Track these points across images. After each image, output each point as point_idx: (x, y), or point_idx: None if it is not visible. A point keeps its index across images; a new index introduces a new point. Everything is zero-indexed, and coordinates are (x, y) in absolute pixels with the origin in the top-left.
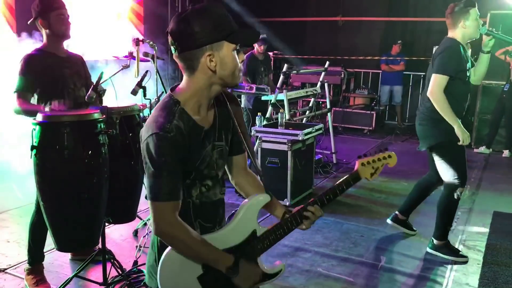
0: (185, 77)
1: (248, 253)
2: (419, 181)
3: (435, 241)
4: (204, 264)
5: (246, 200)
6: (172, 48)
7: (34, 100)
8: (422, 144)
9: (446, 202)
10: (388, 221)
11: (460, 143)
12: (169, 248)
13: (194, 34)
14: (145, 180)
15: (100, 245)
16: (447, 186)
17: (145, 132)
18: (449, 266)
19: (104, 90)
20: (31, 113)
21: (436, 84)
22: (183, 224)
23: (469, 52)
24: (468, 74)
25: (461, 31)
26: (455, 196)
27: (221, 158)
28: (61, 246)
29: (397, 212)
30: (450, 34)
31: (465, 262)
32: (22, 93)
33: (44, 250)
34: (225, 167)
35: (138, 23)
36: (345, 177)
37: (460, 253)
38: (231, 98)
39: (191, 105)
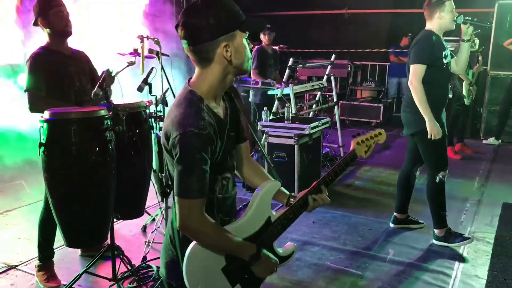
0: (198, 70)
1: (265, 240)
2: (398, 175)
3: (436, 231)
4: (227, 255)
5: (258, 188)
6: (183, 41)
7: None
8: (405, 130)
9: (432, 188)
10: (391, 225)
11: (429, 137)
12: (193, 243)
13: (210, 27)
14: (175, 176)
15: (109, 241)
16: (430, 172)
17: (175, 130)
18: (458, 258)
19: (115, 74)
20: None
21: (414, 73)
22: (208, 219)
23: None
24: (445, 61)
25: (437, 22)
26: (437, 180)
27: (233, 148)
28: (70, 242)
29: (395, 214)
30: (428, 25)
31: (471, 241)
32: (34, 91)
33: (54, 247)
34: None
35: (143, 19)
36: (343, 157)
37: (464, 235)
38: (232, 88)
39: (211, 99)
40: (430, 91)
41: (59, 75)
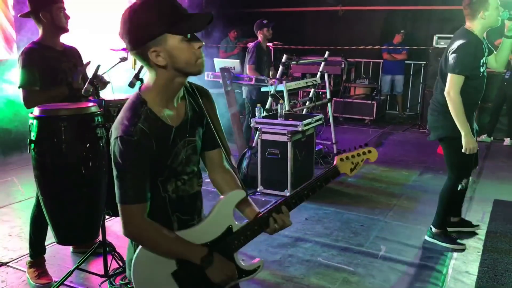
0: (147, 74)
1: (223, 248)
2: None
3: (433, 229)
4: (178, 259)
5: (222, 196)
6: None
7: None
8: (432, 135)
9: (448, 192)
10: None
11: (463, 151)
12: (138, 248)
13: (134, 32)
14: (115, 182)
15: (100, 238)
16: (451, 177)
17: (112, 134)
18: (449, 255)
19: (108, 82)
20: (51, 99)
21: (452, 84)
22: (151, 225)
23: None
24: (481, 70)
25: (480, 22)
26: (459, 187)
27: (195, 153)
28: (61, 239)
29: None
30: (468, 24)
31: (463, 250)
32: (29, 86)
33: (46, 243)
34: (202, 163)
35: None
36: (323, 173)
37: (458, 240)
38: (202, 91)
39: (158, 103)
40: (463, 97)
41: (51, 71)
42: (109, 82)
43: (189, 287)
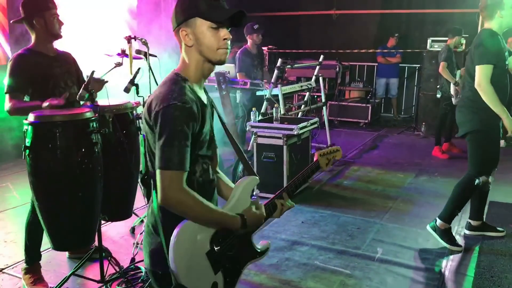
0: (181, 55)
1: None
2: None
3: (438, 221)
4: (211, 240)
5: (239, 181)
6: None
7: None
8: (460, 131)
9: (463, 185)
10: (466, 231)
11: (509, 134)
12: (177, 229)
13: (176, 13)
14: (156, 150)
15: (97, 243)
16: (471, 172)
17: (159, 103)
18: (445, 256)
19: (105, 81)
20: (27, 110)
21: (482, 75)
22: (190, 191)
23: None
24: (507, 63)
25: (498, 21)
26: (476, 183)
27: (213, 139)
28: (57, 245)
29: (469, 220)
30: (486, 25)
31: (459, 252)
32: (14, 93)
33: (41, 249)
34: None
35: (131, 20)
36: (308, 166)
37: (456, 242)
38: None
39: (194, 82)
40: (495, 88)
41: (43, 77)
42: (107, 82)
43: (219, 267)
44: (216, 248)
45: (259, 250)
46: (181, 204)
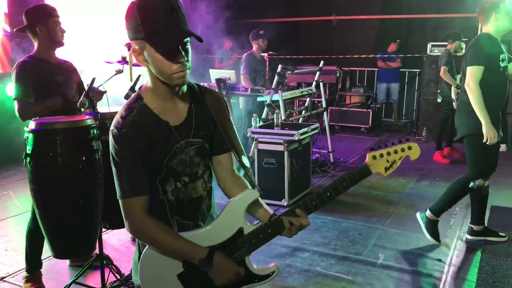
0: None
1: (232, 251)
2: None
3: (427, 212)
4: (184, 261)
5: (234, 197)
6: None
7: None
8: (458, 133)
9: (458, 184)
10: (468, 237)
11: (484, 140)
12: (145, 249)
13: (127, 27)
14: None
15: (97, 251)
16: (469, 174)
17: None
18: (447, 262)
19: (104, 92)
20: (45, 109)
21: (471, 75)
22: (149, 220)
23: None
24: (502, 65)
25: (494, 24)
26: (470, 185)
27: (199, 155)
28: (57, 253)
29: (470, 225)
30: (484, 29)
31: (434, 244)
32: (23, 99)
33: (42, 257)
34: (212, 169)
35: None
36: (351, 172)
37: (438, 236)
38: (213, 94)
39: (154, 100)
40: (486, 94)
41: (45, 84)
42: (105, 92)
43: None
44: (190, 269)
45: (256, 274)
46: (140, 234)
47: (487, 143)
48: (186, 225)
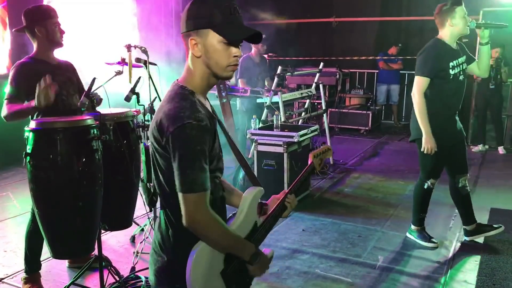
0: (186, 64)
1: (255, 243)
2: (450, 192)
3: (412, 226)
4: (225, 258)
5: (246, 193)
6: None
7: None
8: (410, 136)
9: (417, 190)
10: (466, 238)
11: (422, 149)
12: (194, 253)
13: (188, 17)
14: (175, 172)
15: (96, 252)
16: (421, 176)
17: (172, 123)
18: (446, 264)
19: (101, 99)
20: (22, 113)
21: (416, 85)
22: (215, 214)
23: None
24: (452, 72)
25: (449, 29)
26: (425, 186)
27: (221, 151)
28: (56, 254)
29: (464, 227)
30: (439, 34)
31: (434, 248)
32: (13, 100)
33: (41, 259)
34: None
35: (132, 29)
36: (305, 169)
37: (432, 239)
38: (224, 107)
39: (200, 94)
40: (436, 101)
41: None
42: (101, 99)
43: (232, 284)
44: (229, 267)
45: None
46: (208, 228)
47: (425, 152)
48: None
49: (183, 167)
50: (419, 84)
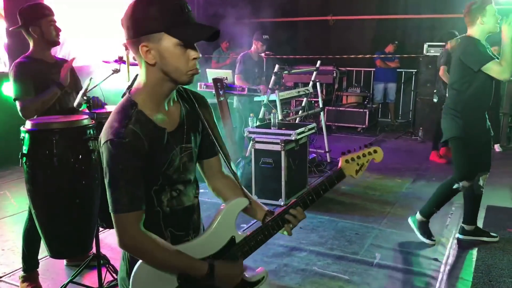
0: (139, 72)
1: (231, 258)
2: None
3: (418, 215)
4: (179, 276)
5: (223, 205)
6: None
7: None
8: (443, 137)
9: (443, 187)
10: (459, 236)
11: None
12: (139, 261)
13: (133, 21)
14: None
15: (94, 251)
16: (454, 175)
17: (101, 140)
18: (443, 261)
19: (103, 104)
20: (46, 102)
21: (494, 71)
22: (147, 235)
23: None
24: None
25: (479, 27)
26: (455, 187)
27: (191, 161)
28: (54, 253)
29: (462, 225)
30: (468, 32)
31: (431, 246)
32: (24, 97)
33: (39, 257)
34: (200, 171)
35: None
36: (328, 176)
37: (432, 237)
38: (199, 98)
39: (149, 106)
40: (477, 96)
41: (42, 84)
42: (105, 104)
43: None
44: (185, 285)
45: (248, 281)
46: (137, 250)
47: (464, 148)
48: (179, 236)
49: (108, 185)
50: (494, 68)
